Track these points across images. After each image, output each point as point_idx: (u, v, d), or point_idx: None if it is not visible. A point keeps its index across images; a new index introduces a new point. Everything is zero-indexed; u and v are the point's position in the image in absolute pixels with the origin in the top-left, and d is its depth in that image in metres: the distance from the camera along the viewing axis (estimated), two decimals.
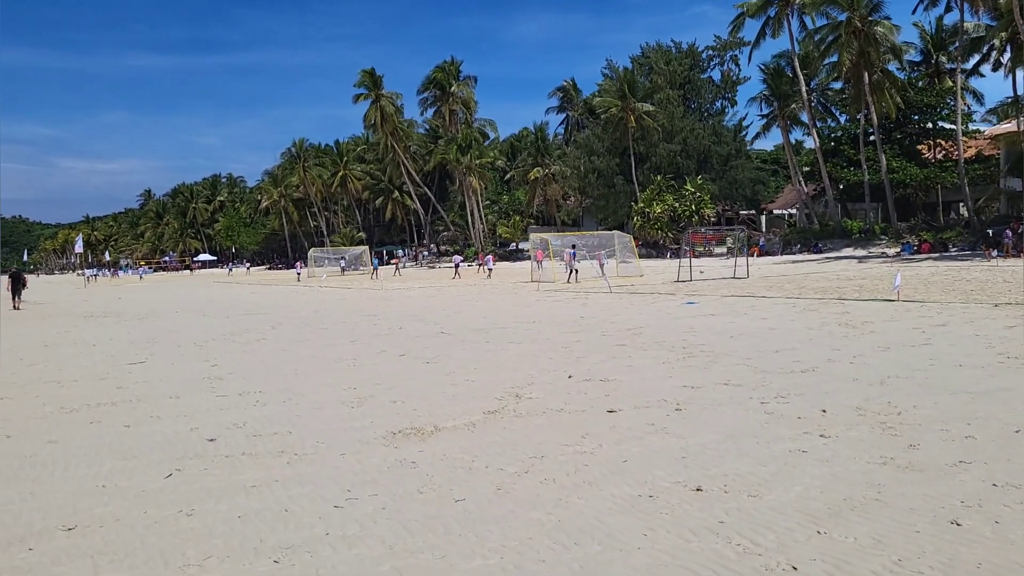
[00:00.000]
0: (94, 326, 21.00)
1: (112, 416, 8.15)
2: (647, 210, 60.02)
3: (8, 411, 8.64)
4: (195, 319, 22.08)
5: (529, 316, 18.14)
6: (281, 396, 8.92)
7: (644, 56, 73.32)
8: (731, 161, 67.54)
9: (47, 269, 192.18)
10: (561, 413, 7.39)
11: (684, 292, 23.83)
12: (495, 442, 6.39)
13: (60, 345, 16.03)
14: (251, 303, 29.13)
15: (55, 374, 11.57)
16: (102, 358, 13.39)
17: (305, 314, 22.29)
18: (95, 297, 41.26)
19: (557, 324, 15.99)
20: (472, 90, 77.75)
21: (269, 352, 13.40)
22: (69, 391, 9.93)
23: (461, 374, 9.98)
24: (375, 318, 19.73)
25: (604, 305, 20.37)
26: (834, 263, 41.76)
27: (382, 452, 6.22)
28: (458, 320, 18.01)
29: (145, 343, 15.71)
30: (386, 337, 14.99)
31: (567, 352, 11.65)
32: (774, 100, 56.10)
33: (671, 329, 14.05)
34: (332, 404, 8.30)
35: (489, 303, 23.48)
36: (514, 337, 13.96)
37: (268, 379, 10.26)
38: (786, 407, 7.21)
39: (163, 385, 10.10)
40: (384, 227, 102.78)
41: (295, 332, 16.88)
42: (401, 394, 8.72)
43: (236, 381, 10.20)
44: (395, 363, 11.35)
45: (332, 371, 10.81)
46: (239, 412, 8.07)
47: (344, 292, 35.02)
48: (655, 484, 5.08)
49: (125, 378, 10.88)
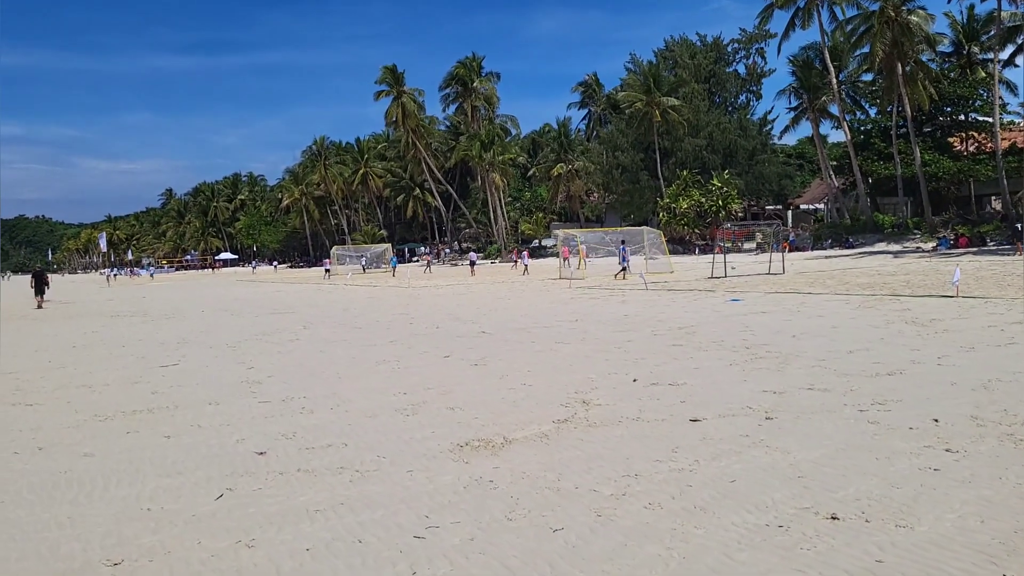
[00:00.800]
0: (121, 326, 20.57)
1: (150, 425, 7.58)
2: (673, 205, 59.18)
3: (39, 419, 8.11)
4: (223, 319, 21.61)
5: (569, 314, 17.48)
6: (327, 402, 8.33)
7: (668, 50, 72.38)
8: (757, 155, 66.52)
9: (70, 268, 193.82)
10: (639, 422, 6.74)
11: (723, 289, 23.08)
12: (576, 457, 5.75)
13: (88, 346, 15.57)
14: (278, 302, 28.67)
15: (85, 377, 11.06)
16: (133, 360, 12.88)
17: (335, 313, 21.76)
18: (120, 296, 41.04)
19: (602, 323, 15.32)
20: (494, 86, 77.18)
21: (306, 353, 12.83)
22: (101, 396, 9.40)
23: (515, 377, 9.34)
24: (408, 317, 19.16)
25: (644, 302, 19.68)
26: (868, 258, 40.77)
27: (453, 468, 5.60)
28: (496, 319, 17.39)
29: (175, 344, 15.21)
30: (425, 337, 14.40)
31: (622, 353, 10.99)
32: (803, 93, 55.02)
33: (725, 327, 13.35)
34: (385, 412, 7.69)
35: (523, 301, 22.85)
36: (560, 337, 13.31)
37: (310, 383, 9.67)
38: (890, 416, 6.52)
39: (200, 390, 9.55)
40: (405, 225, 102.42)
41: (329, 332, 16.33)
42: (457, 400, 8.10)
43: (276, 385, 9.63)
44: (441, 365, 10.74)
45: (376, 374, 10.21)
46: (286, 421, 7.48)
47: (371, 290, 34.52)
48: (779, 510, 4.42)
49: (159, 382, 10.34)
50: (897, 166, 49.71)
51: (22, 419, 8.15)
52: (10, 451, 6.73)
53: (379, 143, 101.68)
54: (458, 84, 75.87)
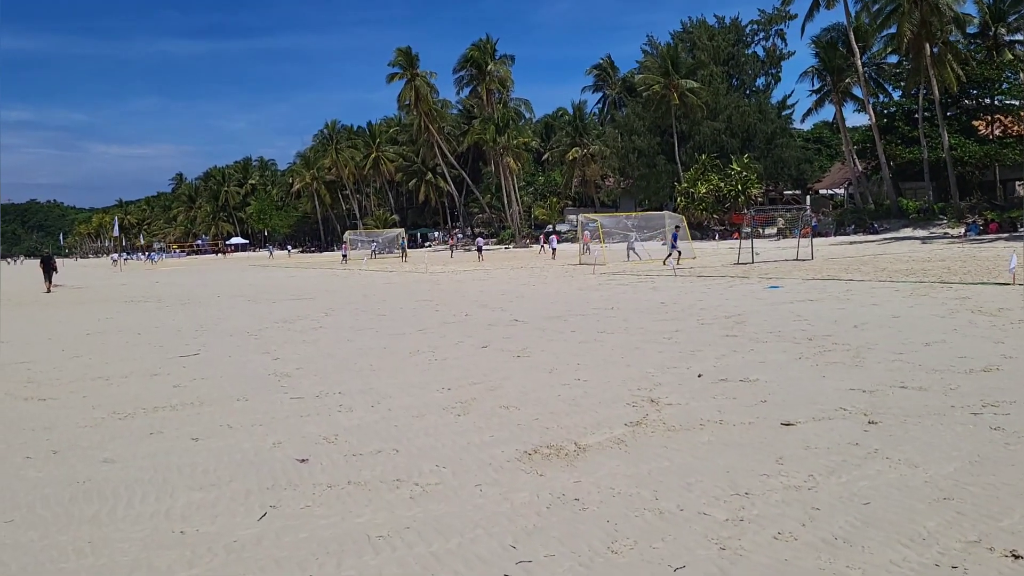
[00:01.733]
0: (136, 312, 19.93)
1: (175, 424, 6.89)
2: (691, 190, 58.26)
3: (53, 416, 7.42)
4: (240, 305, 20.94)
5: (602, 301, 16.72)
6: (366, 399, 7.61)
7: (685, 32, 71.21)
8: (775, 139, 65.40)
9: (81, 253, 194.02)
10: (724, 426, 5.99)
11: (756, 275, 22.26)
12: (666, 468, 5.01)
13: (103, 333, 14.91)
14: (294, 287, 28.01)
15: (101, 368, 10.39)
16: (150, 349, 12.20)
17: (355, 299, 21.07)
18: (132, 281, 40.49)
19: (640, 311, 14.56)
20: (508, 68, 75.95)
21: (332, 342, 12.12)
22: (119, 390, 8.71)
23: (566, 371, 8.61)
24: (432, 303, 18.43)
25: (678, 290, 18.90)
26: (896, 244, 39.83)
27: (527, 482, 4.87)
28: (526, 306, 16.65)
29: (193, 332, 14.54)
30: (455, 326, 13.67)
31: (673, 344, 10.23)
32: (827, 74, 53.75)
33: (775, 316, 12.57)
34: (432, 410, 6.97)
35: (549, 287, 22.09)
36: (601, 325, 12.56)
37: (343, 376, 8.96)
38: (1011, 420, 5.75)
39: (225, 383, 8.85)
40: (417, 210, 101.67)
41: (352, 319, 15.62)
42: (508, 397, 7.37)
43: (307, 378, 8.92)
44: (480, 357, 10.00)
45: (413, 366, 9.48)
46: (324, 421, 6.77)
47: (387, 276, 33.82)
48: (941, 544, 3.67)
49: (180, 374, 9.65)
50: (924, 150, 48.56)
51: (35, 416, 7.47)
52: (22, 455, 6.04)
53: (391, 127, 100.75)
54: (472, 67, 74.71)
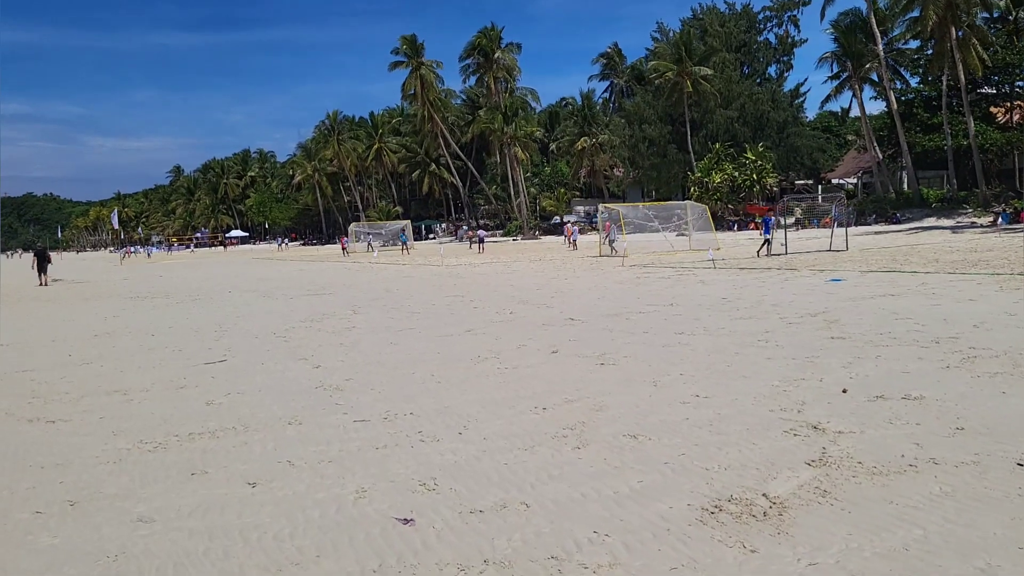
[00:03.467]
0: (145, 309, 18.53)
1: (219, 459, 5.51)
2: (705, 180, 56.86)
3: (66, 446, 6.04)
4: (256, 301, 19.54)
5: (653, 296, 15.34)
6: (449, 422, 6.24)
7: (695, 18, 69.64)
8: (788, 128, 63.99)
9: (79, 246, 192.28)
10: (942, 467, 4.62)
11: (803, 266, 20.89)
12: (921, 540, 3.64)
13: (112, 335, 13.51)
14: (308, 282, 26.60)
15: (116, 378, 9.00)
16: (169, 354, 10.81)
17: (378, 294, 19.67)
18: (135, 275, 39.05)
19: (705, 308, 13.18)
20: (515, 57, 74.34)
21: (375, 346, 10.73)
22: (142, 409, 7.32)
23: (674, 385, 7.24)
24: (465, 299, 17.05)
25: (730, 283, 17.52)
26: (925, 234, 38.48)
27: (740, 564, 3.49)
28: (572, 302, 15.27)
29: (213, 332, 13.14)
30: (504, 325, 12.29)
31: (776, 348, 8.86)
32: (846, 60, 52.23)
33: (868, 314, 11.20)
34: (540, 440, 5.60)
35: (584, 281, 20.69)
36: (672, 325, 11.18)
37: (406, 390, 7.58)
38: None
39: (267, 400, 7.46)
40: (420, 201, 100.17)
41: (386, 318, 14.23)
42: (626, 421, 6.00)
43: (363, 393, 7.55)
44: (557, 364, 8.62)
45: (484, 377, 8.11)
46: (409, 455, 5.39)
47: (402, 269, 32.41)
48: None
49: (210, 386, 8.27)
50: (947, 137, 47.17)
51: (43, 446, 6.09)
52: (30, 508, 4.66)
53: (393, 118, 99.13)
54: (479, 54, 73.06)
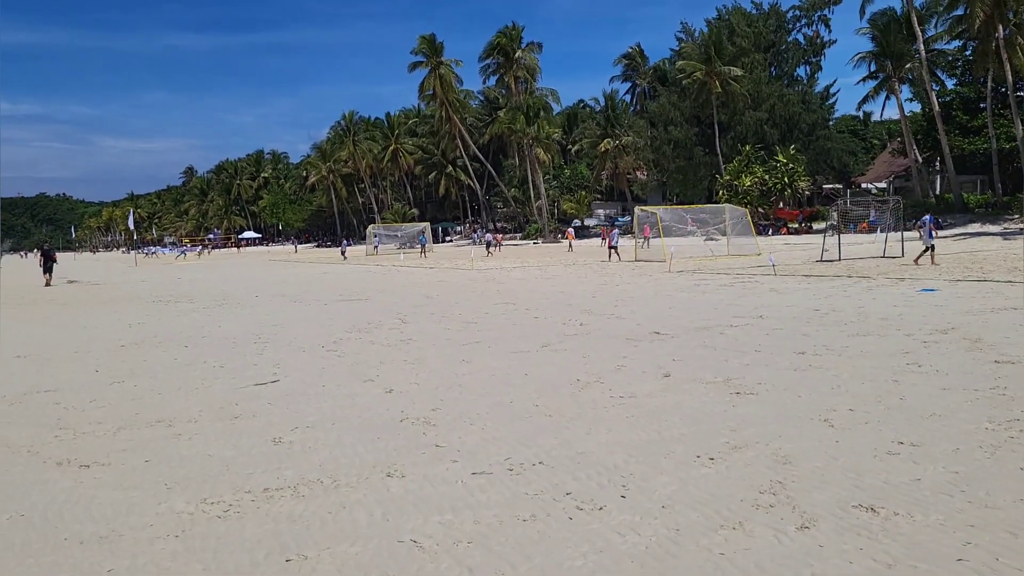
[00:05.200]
0: (170, 315, 17.20)
1: (316, 535, 4.11)
2: (735, 183, 55.29)
3: (109, 507, 4.66)
4: (287, 307, 18.19)
5: (731, 307, 13.91)
6: (597, 478, 4.84)
7: (720, 19, 68.12)
8: (817, 130, 62.42)
9: (92, 247, 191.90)
10: None
11: (877, 274, 19.40)
12: None
13: (140, 345, 12.16)
14: (336, 286, 25.25)
15: (155, 403, 7.64)
16: (209, 371, 9.44)
17: (419, 300, 18.29)
18: (152, 277, 37.83)
19: (799, 320, 11.74)
20: (536, 56, 73.00)
21: (444, 363, 9.33)
22: (195, 448, 5.95)
23: (859, 428, 5.82)
24: (517, 307, 15.63)
25: (804, 292, 16.06)
26: (973, 240, 36.96)
27: None
28: (641, 312, 13.84)
29: (252, 344, 11.78)
30: (582, 339, 10.88)
31: (938, 376, 7.44)
32: (885, 60, 50.58)
33: (1011, 331, 9.74)
34: (743, 512, 4.19)
35: (639, 288, 19.25)
36: (781, 342, 9.75)
37: (514, 426, 6.19)
38: None
39: (347, 437, 6.07)
40: (436, 203, 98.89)
41: (439, 328, 12.83)
42: (838, 483, 4.59)
43: (462, 430, 6.15)
44: (682, 393, 7.21)
45: (602, 408, 6.70)
46: (578, 537, 3.98)
47: (432, 273, 31.04)
48: None
49: (269, 416, 6.90)
50: (993, 140, 45.51)
51: (79, 505, 4.71)
52: None
53: (409, 119, 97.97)
54: (500, 54, 71.72)
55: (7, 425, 6.93)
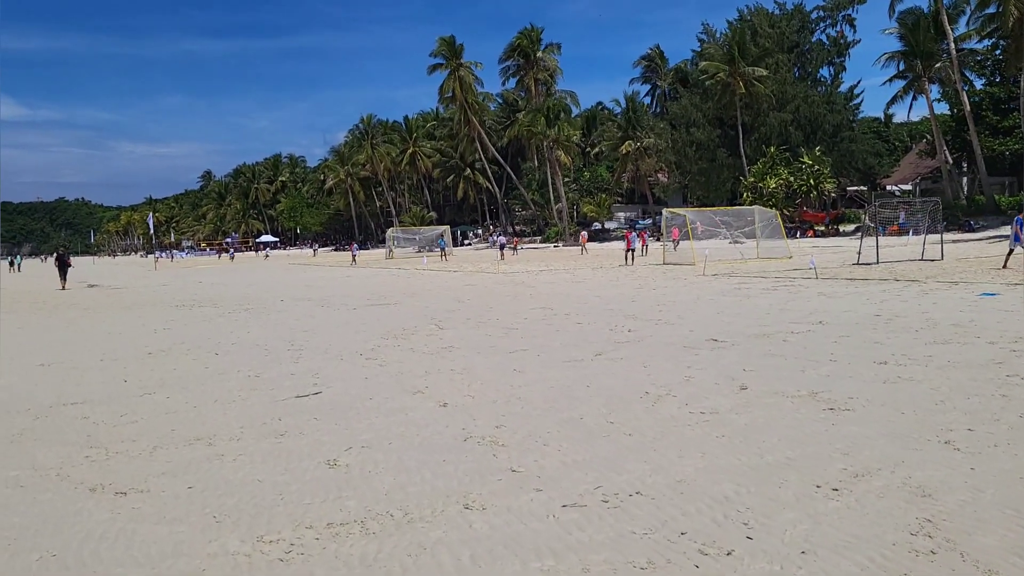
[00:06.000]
0: (195, 320, 16.69)
1: None
2: (759, 185, 54.39)
3: (153, 545, 4.06)
4: (316, 312, 17.64)
5: (783, 312, 13.20)
6: (711, 513, 4.20)
7: (742, 19, 67.23)
8: (841, 132, 61.42)
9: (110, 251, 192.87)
10: None
11: (926, 277, 18.62)
12: None
13: (168, 352, 11.62)
14: (362, 289, 24.72)
15: (192, 418, 7.06)
16: (246, 381, 8.86)
17: (451, 305, 17.70)
18: (172, 281, 37.48)
19: (862, 327, 11.03)
20: (555, 58, 72.36)
21: (495, 373, 8.70)
22: (242, 471, 5.35)
23: (1000, 458, 5.15)
24: (556, 312, 14.99)
25: (856, 296, 15.32)
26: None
27: None
28: (690, 318, 13.17)
29: (286, 351, 11.21)
30: (636, 346, 10.23)
31: None
32: (914, 59, 49.56)
33: None
34: (895, 556, 3.53)
35: (677, 292, 18.56)
36: (852, 352, 9.06)
37: (594, 447, 5.55)
38: None
39: (409, 460, 5.46)
40: (455, 207, 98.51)
41: (479, 335, 12.21)
42: (1017, 533, 3.92)
43: (536, 452, 5.52)
44: (764, 409, 6.55)
45: (684, 427, 6.06)
46: None
47: (457, 276, 30.46)
48: None
49: (317, 433, 6.30)
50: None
51: (118, 542, 4.12)
52: None
53: (427, 121, 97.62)
54: (520, 56, 71.15)
55: (34, 442, 6.38)
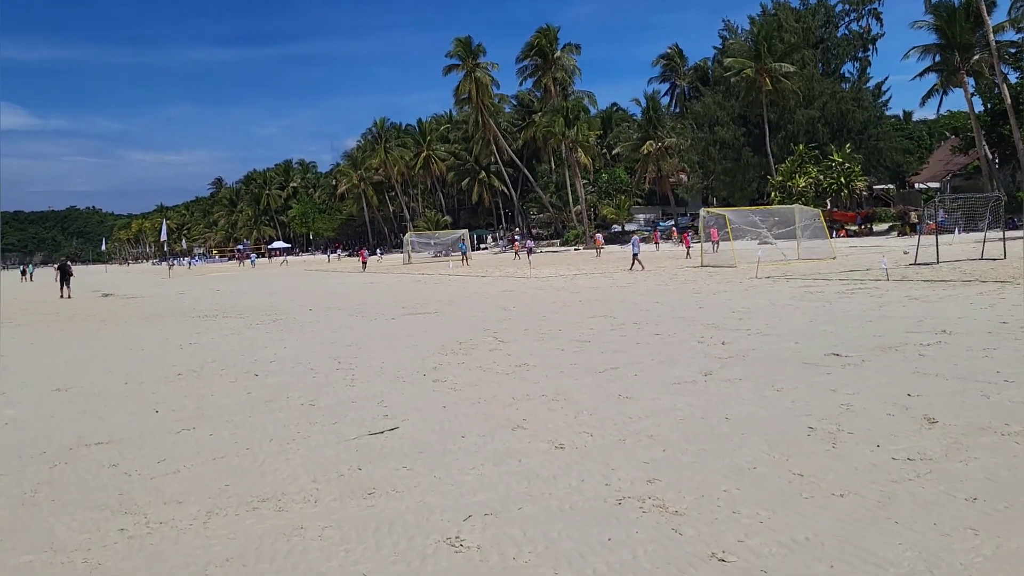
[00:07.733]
0: (222, 333, 15.31)
1: None
2: (788, 184, 52.79)
3: None
4: (352, 322, 16.24)
5: (889, 321, 11.73)
6: None
7: (765, 14, 65.72)
8: (869, 128, 59.79)
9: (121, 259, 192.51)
10: None
11: (1012, 277, 17.08)
12: None
13: (199, 373, 10.22)
14: (395, 297, 23.32)
15: (247, 465, 5.66)
16: (302, 412, 7.45)
17: (498, 314, 16.27)
18: (189, 289, 36.20)
19: (1004, 336, 9.55)
20: (573, 58, 70.94)
21: (599, 400, 7.26)
22: (336, 560, 3.95)
23: None
24: (621, 321, 13.54)
25: (954, 300, 13.80)
26: None
27: None
28: (782, 328, 11.70)
29: (335, 370, 9.80)
30: (743, 364, 8.78)
31: None
32: (951, 52, 47.86)
33: None
34: None
35: (741, 297, 17.05)
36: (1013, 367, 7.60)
37: (802, 513, 4.12)
38: None
39: (557, 533, 4.03)
40: (469, 210, 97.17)
41: (549, 348, 10.76)
42: None
43: (725, 519, 4.10)
44: (974, 449, 5.09)
45: (907, 481, 4.60)
46: None
47: (488, 281, 29.04)
48: None
49: (412, 487, 4.89)
50: None
51: None
52: None
53: (441, 125, 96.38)
54: (538, 55, 69.73)
55: (51, 505, 4.98)
